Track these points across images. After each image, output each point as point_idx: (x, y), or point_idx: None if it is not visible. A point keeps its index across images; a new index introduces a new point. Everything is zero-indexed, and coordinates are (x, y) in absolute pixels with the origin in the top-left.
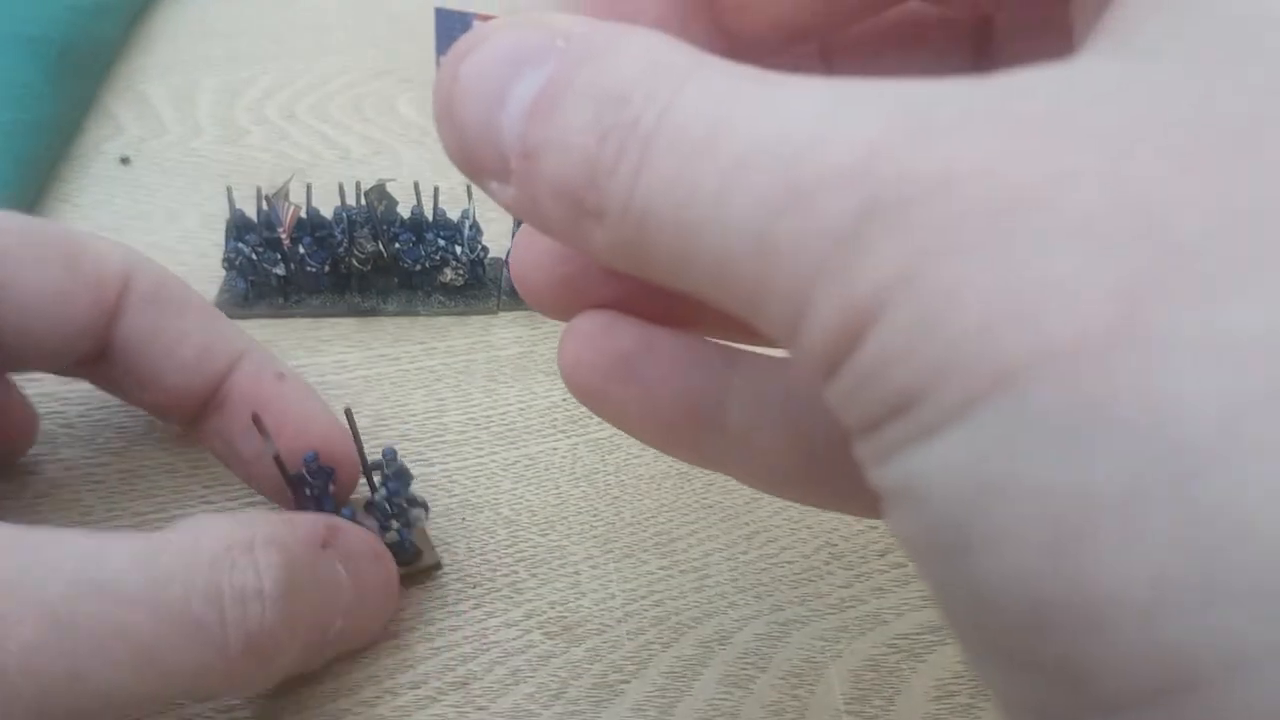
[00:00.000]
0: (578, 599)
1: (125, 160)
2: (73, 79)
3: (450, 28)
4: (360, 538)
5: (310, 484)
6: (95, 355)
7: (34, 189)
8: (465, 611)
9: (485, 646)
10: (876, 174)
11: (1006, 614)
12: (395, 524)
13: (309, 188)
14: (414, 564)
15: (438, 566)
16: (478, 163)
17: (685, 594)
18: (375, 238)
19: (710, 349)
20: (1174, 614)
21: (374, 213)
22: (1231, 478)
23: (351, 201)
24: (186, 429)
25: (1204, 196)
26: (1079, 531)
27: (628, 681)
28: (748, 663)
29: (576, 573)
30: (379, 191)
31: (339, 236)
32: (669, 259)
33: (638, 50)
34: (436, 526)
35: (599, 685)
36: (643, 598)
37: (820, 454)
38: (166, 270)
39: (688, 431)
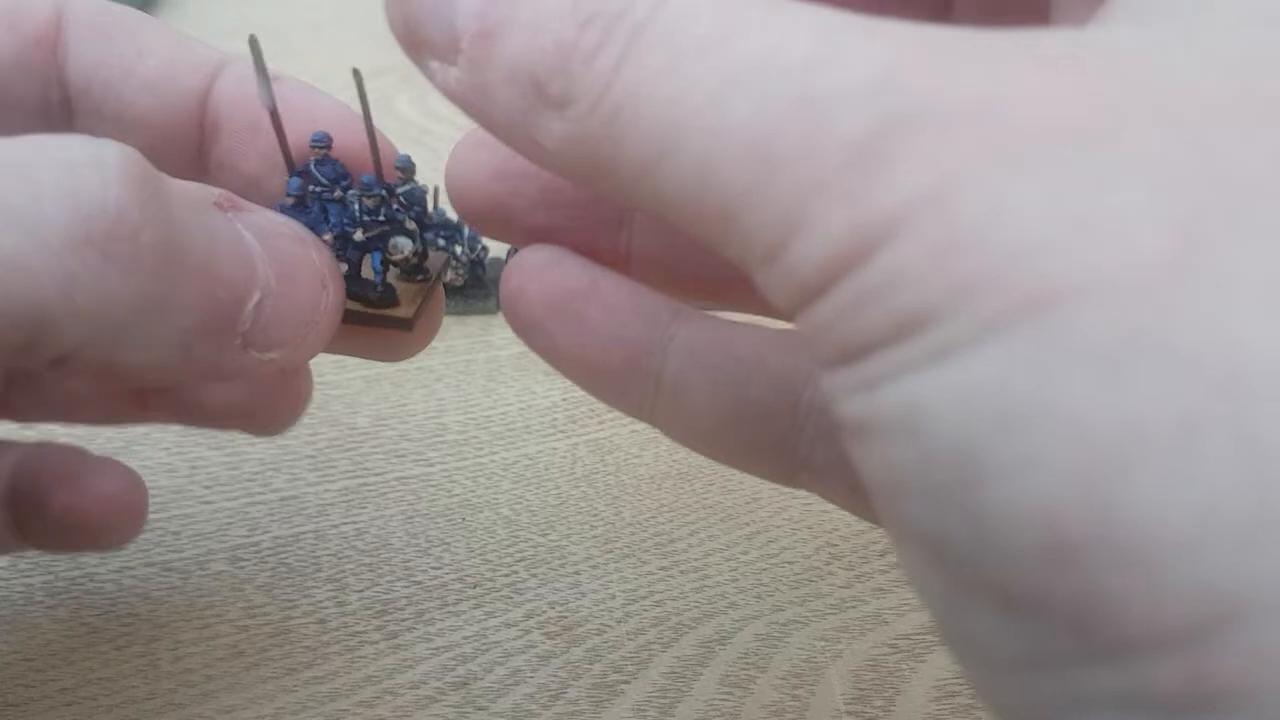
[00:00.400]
0: (578, 599)
1: None
2: None
3: None
4: (276, 219)
5: (318, 180)
6: (60, 106)
7: None
8: (465, 611)
9: (485, 647)
10: (900, 90)
11: (1017, 549)
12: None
13: None
14: (381, 307)
15: (407, 325)
16: (423, 36)
17: (685, 594)
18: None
19: (654, 298)
20: (1222, 549)
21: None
22: None
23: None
24: (197, 176)
25: (1258, 143)
26: (1122, 461)
27: (628, 682)
28: (748, 663)
29: (576, 573)
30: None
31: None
32: (638, 159)
33: None
34: (436, 526)
35: (599, 686)
36: (643, 598)
37: (750, 418)
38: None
39: (621, 377)
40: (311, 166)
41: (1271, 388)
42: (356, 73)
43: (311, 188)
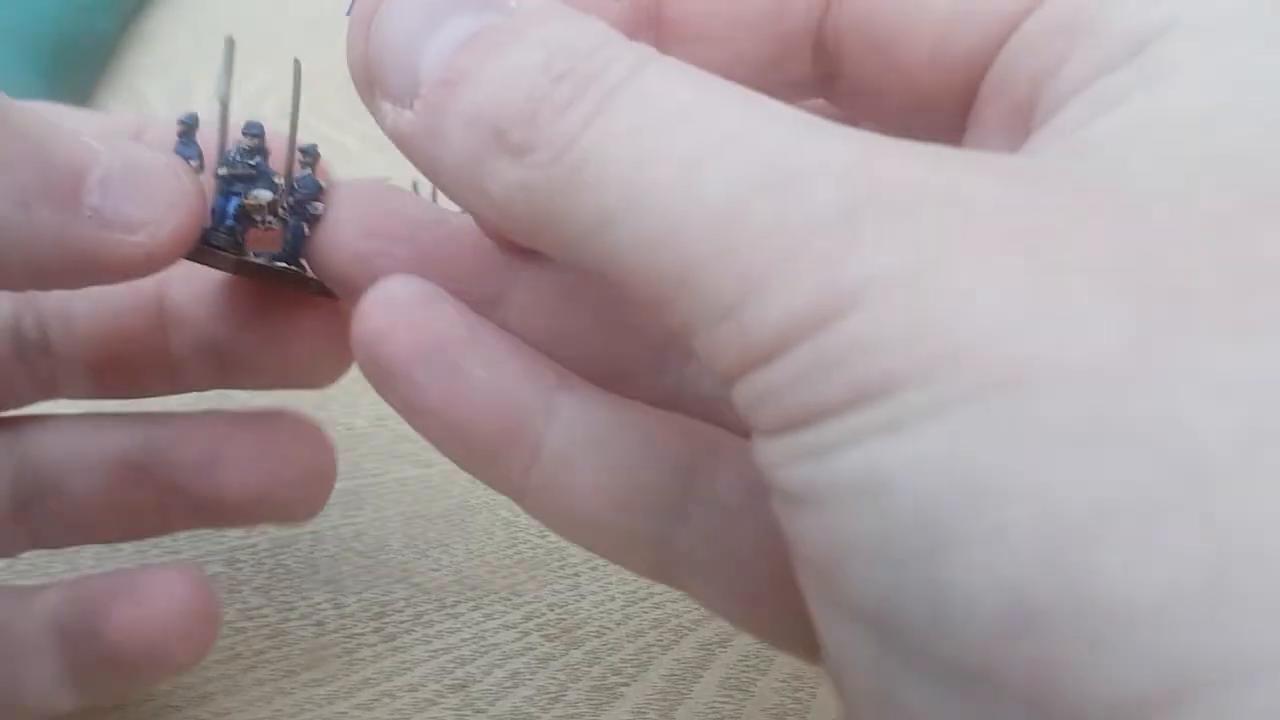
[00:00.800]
0: (577, 601)
1: None
2: (67, 77)
3: None
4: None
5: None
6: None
7: None
8: (463, 614)
9: (484, 649)
10: (874, 174)
11: (977, 619)
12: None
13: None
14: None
15: (322, 289)
16: (382, 78)
17: (685, 596)
18: None
19: (539, 358)
20: (1184, 622)
21: None
22: (1249, 498)
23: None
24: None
25: (1202, 256)
26: (1085, 535)
27: (627, 684)
28: (749, 665)
29: (576, 575)
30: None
31: None
32: (593, 214)
33: (599, 27)
34: (434, 528)
35: (598, 688)
36: (642, 600)
37: (634, 505)
38: None
39: (494, 444)
40: (235, 154)
41: (1228, 472)
42: (296, 63)
43: (220, 170)
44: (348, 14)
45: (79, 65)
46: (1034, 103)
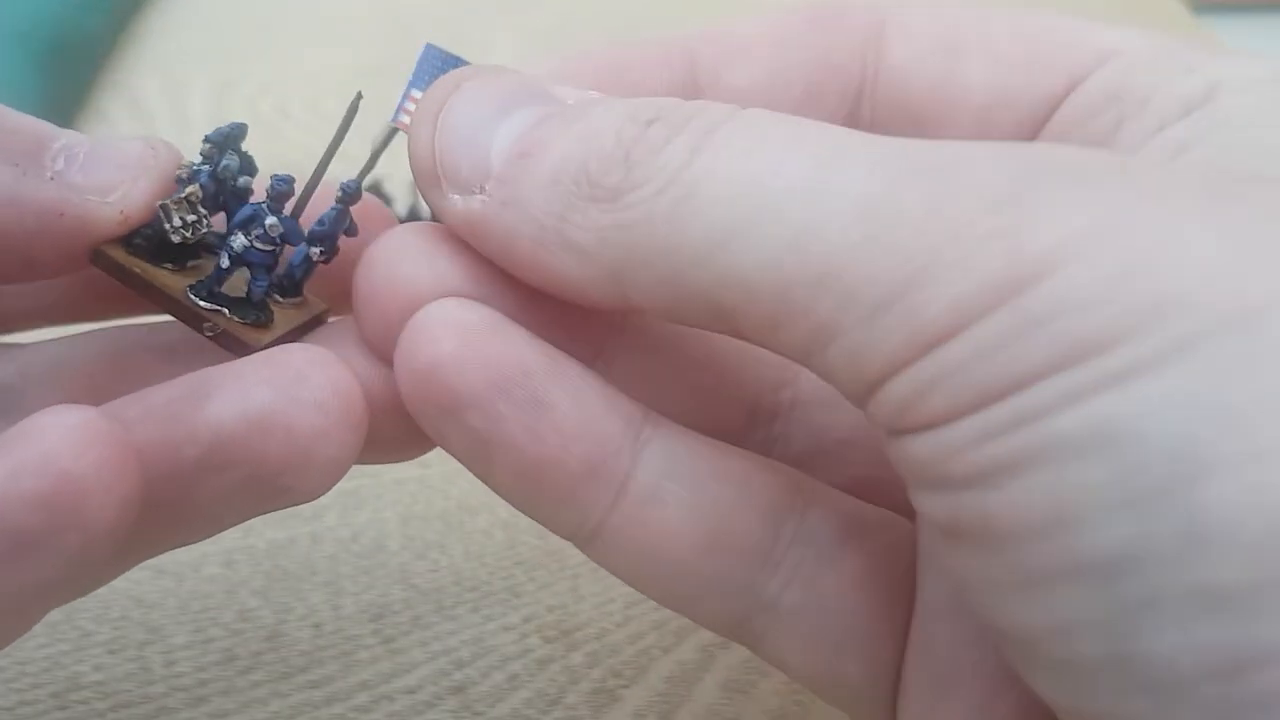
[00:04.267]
0: (576, 603)
1: None
2: (62, 75)
3: (435, 65)
4: None
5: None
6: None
7: None
8: (462, 616)
9: (482, 651)
10: (1029, 151)
11: (1240, 540)
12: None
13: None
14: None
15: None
16: (452, 167)
17: None
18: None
19: (624, 396)
20: None
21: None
22: None
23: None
24: None
25: None
26: None
27: (627, 687)
28: (750, 667)
29: (575, 576)
30: (374, 189)
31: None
32: (709, 234)
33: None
34: (432, 530)
35: (598, 691)
36: (642, 601)
37: (724, 548)
38: None
39: (576, 482)
40: (264, 205)
41: None
42: (358, 95)
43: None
44: (393, 121)
45: (75, 63)
46: None
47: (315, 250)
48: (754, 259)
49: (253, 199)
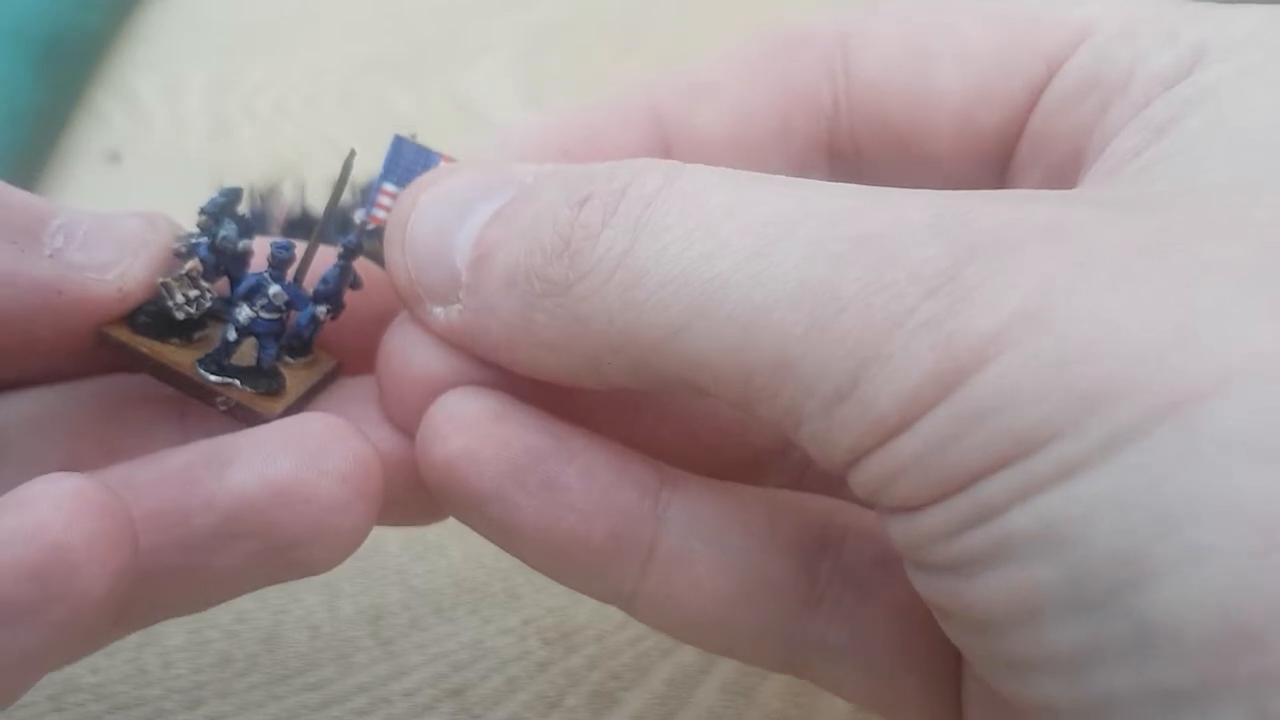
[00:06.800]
0: (575, 605)
1: (114, 157)
2: (59, 73)
3: (404, 159)
4: None
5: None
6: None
7: (19, 185)
8: (460, 618)
9: (481, 654)
10: (963, 223)
11: (1188, 644)
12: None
13: (303, 186)
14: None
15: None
16: (425, 281)
17: None
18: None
19: (635, 457)
20: None
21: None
22: None
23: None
24: None
25: None
26: None
27: (627, 689)
28: (750, 670)
29: None
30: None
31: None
32: (664, 322)
33: (616, 159)
34: (431, 531)
35: (597, 693)
36: None
37: (760, 596)
38: None
39: (602, 555)
40: (266, 275)
41: None
42: (351, 153)
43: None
44: (365, 216)
45: (71, 61)
46: (1079, 158)
47: (322, 310)
48: (712, 346)
49: (253, 252)
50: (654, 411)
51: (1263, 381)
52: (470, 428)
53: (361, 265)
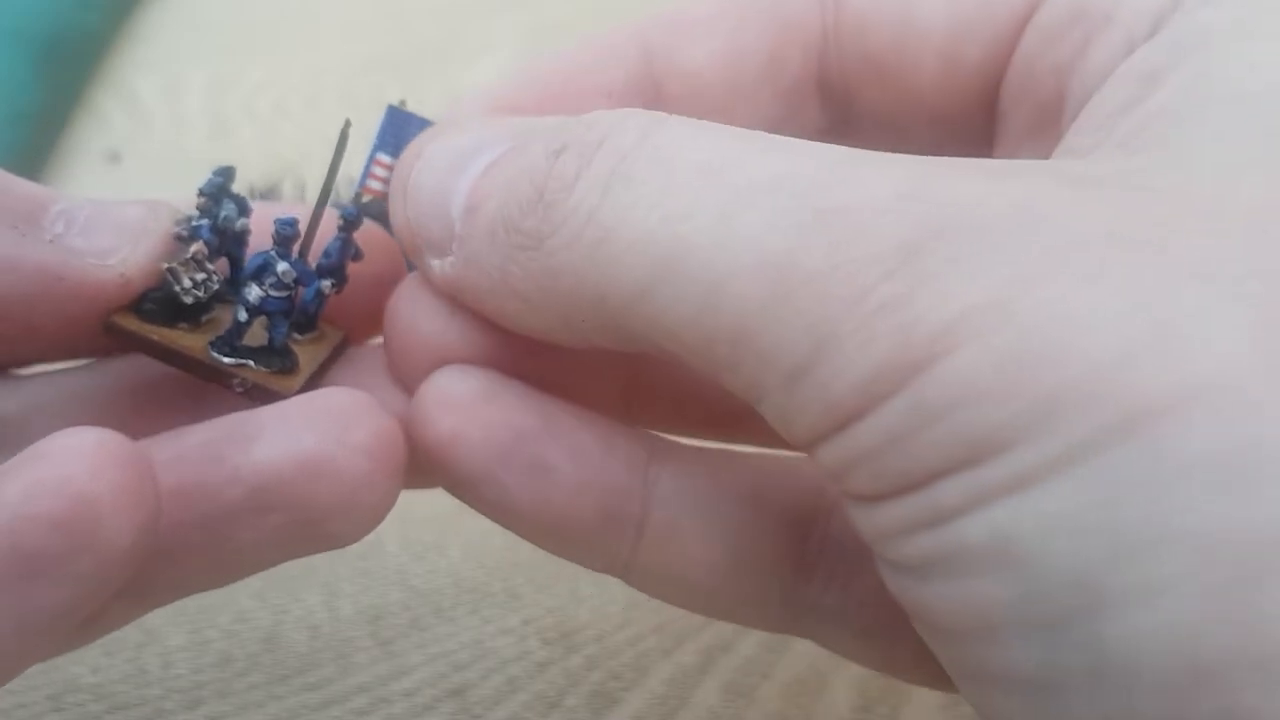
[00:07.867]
0: (576, 605)
1: (114, 157)
2: (58, 73)
3: (399, 126)
4: None
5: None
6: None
7: None
8: (460, 618)
9: (481, 654)
10: (932, 200)
11: (1145, 677)
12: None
13: (303, 186)
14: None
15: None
16: (424, 232)
17: None
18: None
19: (623, 432)
20: None
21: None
22: None
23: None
24: None
25: None
26: (1256, 573)
27: (627, 689)
28: (750, 670)
29: (575, 578)
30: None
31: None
32: (630, 284)
33: (604, 109)
34: (431, 531)
35: (597, 693)
36: (642, 604)
37: (751, 564)
38: None
39: (594, 531)
40: (272, 253)
41: None
42: (346, 123)
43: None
44: (358, 188)
45: (71, 61)
46: (1062, 98)
47: (327, 284)
48: (676, 312)
49: (251, 227)
50: (652, 363)
51: (1228, 398)
52: (459, 410)
53: (359, 234)
